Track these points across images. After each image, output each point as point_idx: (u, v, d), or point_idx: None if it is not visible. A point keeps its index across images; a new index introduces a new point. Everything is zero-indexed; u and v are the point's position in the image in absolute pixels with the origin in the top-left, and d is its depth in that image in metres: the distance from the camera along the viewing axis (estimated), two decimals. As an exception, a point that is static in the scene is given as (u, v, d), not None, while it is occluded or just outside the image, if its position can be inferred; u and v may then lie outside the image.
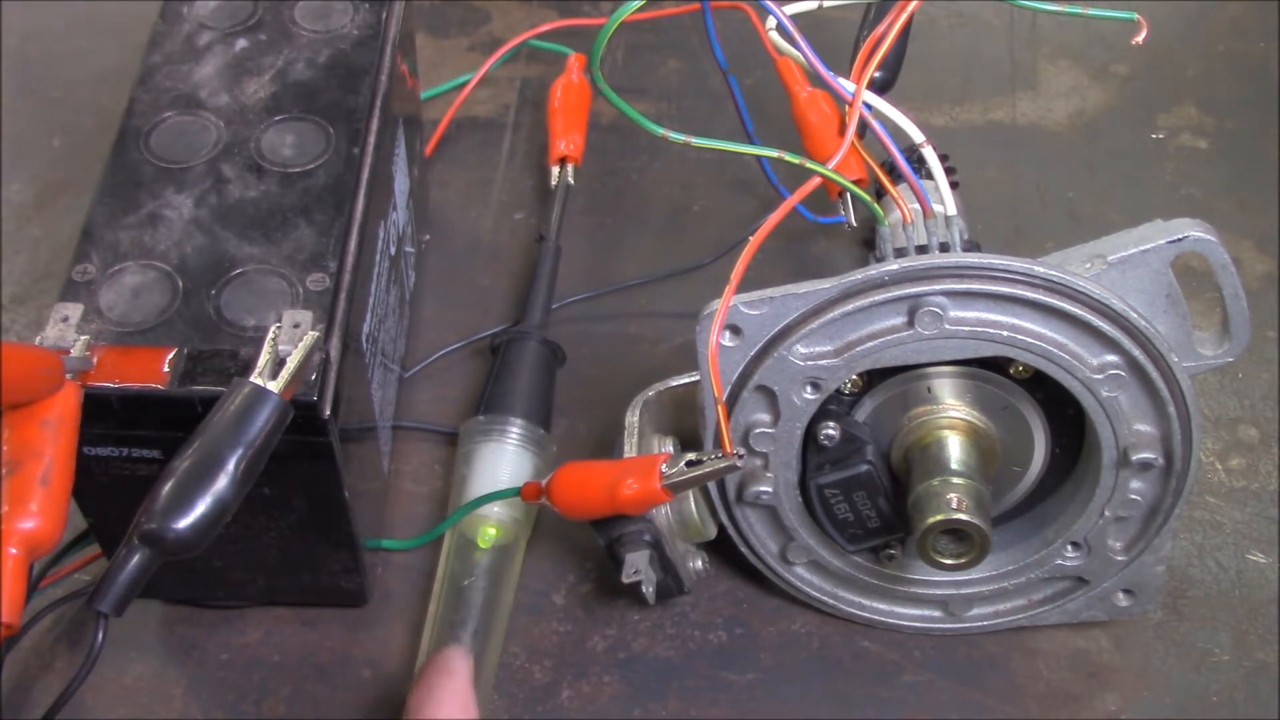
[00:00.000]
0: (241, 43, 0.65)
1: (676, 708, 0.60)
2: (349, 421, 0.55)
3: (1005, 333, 0.53)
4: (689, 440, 0.62)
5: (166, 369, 0.51)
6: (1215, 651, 0.61)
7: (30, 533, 0.46)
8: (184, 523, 0.46)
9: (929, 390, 0.57)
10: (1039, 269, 0.52)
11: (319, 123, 0.61)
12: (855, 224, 0.68)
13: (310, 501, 0.55)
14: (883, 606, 0.62)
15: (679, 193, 0.83)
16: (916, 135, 0.57)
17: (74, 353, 0.51)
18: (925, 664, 0.62)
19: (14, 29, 0.92)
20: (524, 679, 0.61)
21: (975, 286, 0.52)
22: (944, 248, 0.56)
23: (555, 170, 0.77)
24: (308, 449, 0.52)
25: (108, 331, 0.53)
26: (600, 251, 0.79)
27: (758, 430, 0.56)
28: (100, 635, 0.47)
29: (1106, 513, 0.57)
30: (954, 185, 0.62)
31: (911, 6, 0.56)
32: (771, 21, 0.65)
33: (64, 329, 0.53)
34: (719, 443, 0.55)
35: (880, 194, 0.62)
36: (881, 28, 0.56)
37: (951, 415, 0.57)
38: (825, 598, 0.62)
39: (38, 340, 0.52)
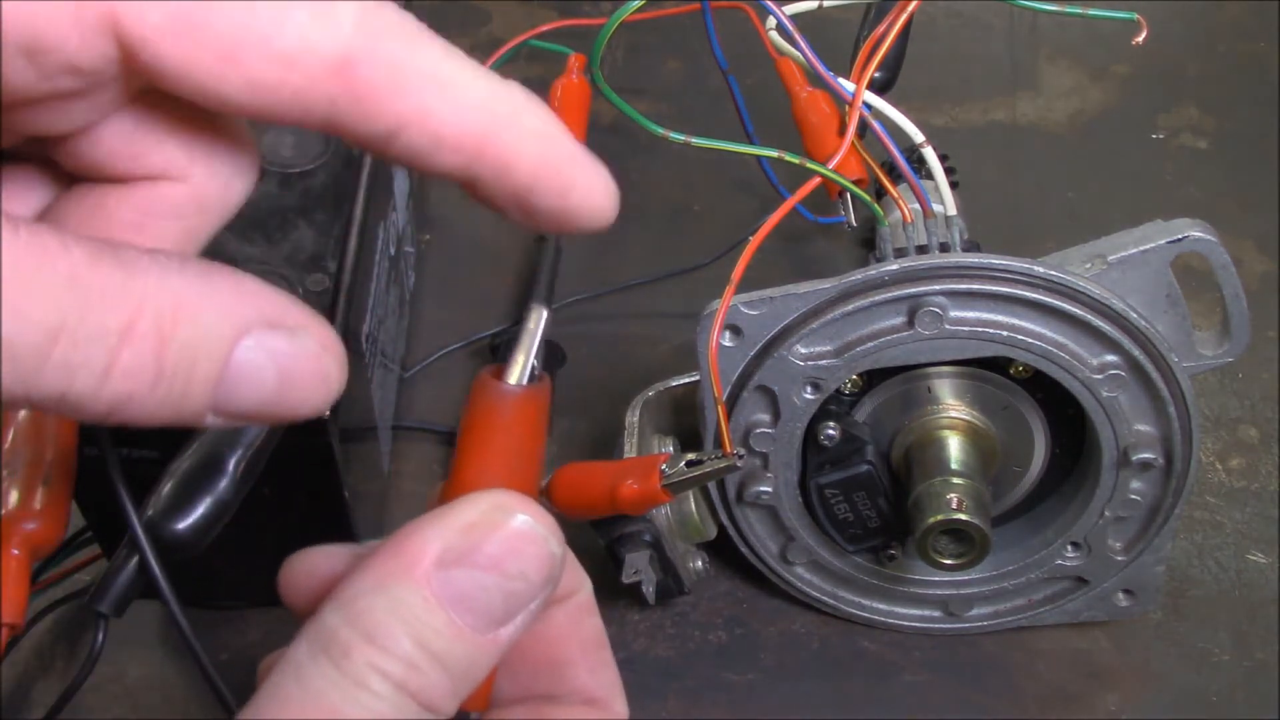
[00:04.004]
0: (241, 43, 0.64)
1: (676, 708, 0.60)
2: (349, 422, 0.55)
3: (1005, 333, 0.53)
4: (689, 440, 0.62)
5: (166, 369, 0.51)
6: (1215, 651, 0.61)
7: (32, 533, 0.46)
8: (184, 523, 0.46)
9: (929, 390, 0.57)
10: (1039, 269, 0.52)
11: (319, 123, 0.61)
12: (855, 224, 0.68)
13: (310, 502, 0.55)
14: (883, 606, 0.62)
15: (679, 193, 0.83)
16: (916, 135, 0.57)
17: (74, 353, 0.51)
18: (925, 664, 0.62)
19: (14, 29, 0.92)
20: (524, 679, 0.61)
21: (975, 286, 0.52)
22: (944, 248, 0.56)
23: (555, 170, 0.77)
24: (307, 449, 0.52)
25: (108, 332, 0.53)
26: (600, 251, 0.79)
27: (758, 430, 0.56)
28: (100, 635, 0.47)
29: (1106, 513, 0.57)
30: (954, 185, 0.62)
31: (911, 6, 0.56)
32: (771, 21, 0.65)
33: (64, 329, 0.52)
34: (719, 443, 0.55)
35: (880, 194, 0.62)
36: (881, 28, 0.56)
37: (951, 415, 0.57)
38: (825, 598, 0.62)
39: (38, 340, 0.52)
